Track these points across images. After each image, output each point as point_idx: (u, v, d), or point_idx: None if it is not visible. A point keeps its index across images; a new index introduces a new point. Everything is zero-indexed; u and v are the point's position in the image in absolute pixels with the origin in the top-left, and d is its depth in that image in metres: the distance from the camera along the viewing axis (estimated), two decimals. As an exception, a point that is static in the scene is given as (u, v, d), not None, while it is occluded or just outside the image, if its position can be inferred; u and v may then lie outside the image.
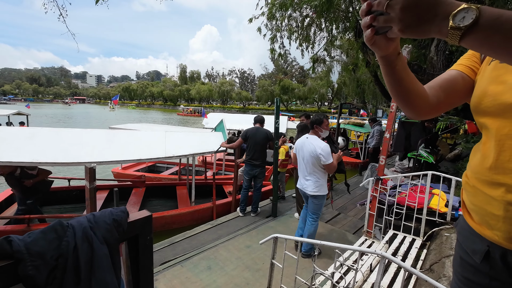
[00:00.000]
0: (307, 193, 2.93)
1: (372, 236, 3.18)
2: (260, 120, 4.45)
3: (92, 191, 2.73)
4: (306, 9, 4.94)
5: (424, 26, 0.49)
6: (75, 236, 0.73)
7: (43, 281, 0.65)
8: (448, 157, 6.85)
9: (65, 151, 3.07)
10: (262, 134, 4.25)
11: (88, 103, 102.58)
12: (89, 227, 0.77)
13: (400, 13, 0.47)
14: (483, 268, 0.72)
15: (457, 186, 3.36)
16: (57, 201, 4.87)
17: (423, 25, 0.49)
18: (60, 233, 0.72)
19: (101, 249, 0.75)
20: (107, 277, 0.72)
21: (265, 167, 4.37)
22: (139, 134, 4.50)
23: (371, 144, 7.62)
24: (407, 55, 2.99)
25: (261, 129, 4.33)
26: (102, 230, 0.79)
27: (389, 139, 3.16)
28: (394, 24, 0.50)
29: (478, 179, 0.73)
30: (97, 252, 0.73)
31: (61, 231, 0.73)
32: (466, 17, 0.45)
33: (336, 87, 39.76)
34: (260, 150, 4.23)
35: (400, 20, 0.48)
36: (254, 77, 78.93)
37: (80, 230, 0.75)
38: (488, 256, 0.71)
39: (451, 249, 2.26)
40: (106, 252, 0.76)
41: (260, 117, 4.51)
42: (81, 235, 0.74)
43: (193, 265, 2.96)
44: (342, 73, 22.69)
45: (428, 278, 1.10)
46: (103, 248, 0.76)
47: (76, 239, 0.73)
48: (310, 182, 2.88)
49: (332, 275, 1.50)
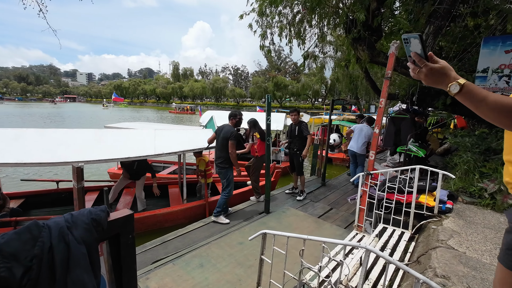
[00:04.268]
0: None
1: (363, 230, 3.22)
2: (229, 116, 4.25)
3: (80, 191, 2.69)
4: (297, 5, 4.92)
5: (436, 85, 0.90)
6: (51, 236, 0.72)
7: (17, 282, 0.64)
8: (438, 152, 6.96)
9: (52, 152, 3.01)
10: (224, 133, 4.01)
11: (79, 102, 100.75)
12: (66, 227, 0.76)
13: (424, 77, 0.90)
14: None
15: (444, 180, 3.42)
16: (46, 204, 4.80)
17: (435, 85, 0.90)
18: (35, 234, 0.71)
19: (79, 248, 0.74)
20: (84, 277, 0.72)
21: (230, 167, 4.08)
22: (128, 132, 4.45)
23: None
24: (395, 51, 3.01)
25: (226, 126, 4.09)
26: (80, 230, 0.78)
27: (378, 134, 3.20)
28: (421, 79, 0.91)
29: None
30: (74, 251, 0.72)
31: (36, 232, 0.71)
32: (455, 88, 0.83)
33: (330, 83, 39.89)
34: (221, 149, 4.02)
35: (424, 80, 0.90)
36: (248, 74, 78.66)
37: (57, 230, 0.74)
38: None
39: (437, 241, 2.31)
40: (84, 251, 0.75)
41: (231, 113, 4.29)
42: (57, 235, 0.73)
43: (185, 263, 2.96)
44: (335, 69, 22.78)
45: (408, 268, 1.12)
46: (80, 247, 0.75)
47: (52, 239, 0.72)
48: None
49: (319, 269, 1.52)
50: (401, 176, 3.19)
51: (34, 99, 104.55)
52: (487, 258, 2.03)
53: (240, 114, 4.34)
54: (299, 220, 4.13)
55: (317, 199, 5.12)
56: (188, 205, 4.63)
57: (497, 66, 3.55)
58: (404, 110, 5.25)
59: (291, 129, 5.13)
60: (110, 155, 3.33)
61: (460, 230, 2.51)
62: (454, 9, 3.83)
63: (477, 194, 3.24)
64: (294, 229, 3.84)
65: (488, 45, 3.59)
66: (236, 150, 4.00)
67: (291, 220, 4.12)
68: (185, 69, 76.93)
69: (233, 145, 3.95)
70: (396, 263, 1.15)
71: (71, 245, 0.73)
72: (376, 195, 3.15)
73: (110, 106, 57.33)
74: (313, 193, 5.44)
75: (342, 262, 1.34)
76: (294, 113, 4.99)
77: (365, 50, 4.59)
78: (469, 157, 3.68)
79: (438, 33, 4.00)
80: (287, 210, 4.46)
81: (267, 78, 50.96)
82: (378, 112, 3.20)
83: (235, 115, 4.28)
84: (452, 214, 2.88)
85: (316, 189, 5.68)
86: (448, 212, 2.92)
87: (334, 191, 5.65)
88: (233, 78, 79.89)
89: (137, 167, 4.70)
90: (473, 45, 4.09)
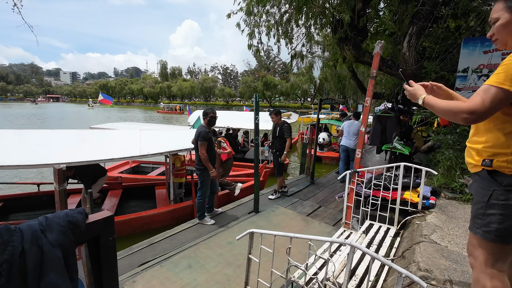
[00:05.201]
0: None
1: (350, 227, 3.27)
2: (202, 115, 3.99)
3: (61, 194, 2.60)
4: (285, 4, 4.95)
5: (414, 100, 1.34)
6: (23, 240, 0.69)
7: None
8: (423, 149, 7.16)
9: (32, 153, 2.89)
10: (195, 134, 3.86)
11: (63, 102, 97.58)
12: (39, 230, 0.73)
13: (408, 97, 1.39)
14: None
15: (428, 176, 3.52)
16: (27, 207, 4.61)
17: (414, 100, 1.35)
18: (5, 238, 0.68)
19: (53, 252, 0.71)
20: (59, 281, 0.69)
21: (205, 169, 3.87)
22: (113, 133, 4.35)
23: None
24: (380, 51, 3.07)
25: (199, 127, 3.91)
26: (55, 233, 0.75)
27: (364, 132, 3.25)
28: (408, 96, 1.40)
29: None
30: (47, 255, 0.69)
31: (6, 236, 0.68)
32: (420, 100, 1.29)
33: (318, 83, 40.36)
34: (196, 150, 3.87)
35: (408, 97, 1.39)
36: (237, 73, 78.48)
37: (29, 234, 0.71)
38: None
39: (421, 236, 2.37)
40: (58, 255, 0.72)
41: (203, 111, 4.03)
42: (29, 238, 0.70)
43: (173, 265, 2.91)
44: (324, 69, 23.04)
45: (391, 263, 1.14)
46: (55, 251, 0.72)
47: (23, 244, 0.69)
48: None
49: (306, 267, 1.53)
50: (386, 174, 3.26)
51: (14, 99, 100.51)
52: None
53: (212, 112, 4.01)
54: (288, 219, 4.15)
55: (306, 197, 5.16)
56: (175, 206, 4.57)
57: (477, 66, 3.68)
58: (389, 109, 5.37)
59: (274, 130, 5.04)
60: (93, 156, 3.23)
61: (442, 224, 2.58)
62: (436, 10, 3.95)
63: (459, 189, 3.35)
64: (283, 228, 3.85)
65: (468, 46, 3.72)
66: (205, 152, 3.75)
67: (280, 219, 4.13)
68: (173, 68, 75.82)
69: (202, 145, 3.74)
70: (380, 258, 1.17)
71: (44, 248, 0.70)
72: (362, 192, 3.20)
73: (96, 106, 55.80)
74: (302, 192, 5.48)
75: (328, 259, 1.35)
76: (272, 115, 4.89)
77: (351, 50, 4.66)
78: (451, 154, 3.80)
79: (421, 33, 4.11)
80: (276, 209, 4.47)
81: (257, 78, 51.01)
82: (364, 111, 3.25)
83: (206, 114, 3.96)
84: (435, 209, 2.96)
85: (305, 188, 5.72)
86: (431, 208, 3.00)
87: (322, 189, 5.72)
88: (222, 77, 79.52)
89: (81, 172, 4.10)
90: (454, 46, 4.22)
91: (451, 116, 1.16)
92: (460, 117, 1.10)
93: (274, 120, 4.91)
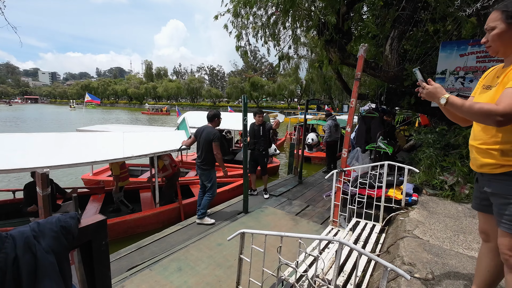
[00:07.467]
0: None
1: (338, 225, 3.36)
2: (209, 118, 4.15)
3: (45, 199, 2.52)
4: (271, 7, 5.00)
5: (432, 100, 1.32)
6: (16, 247, 0.68)
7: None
8: (405, 148, 7.43)
9: (7, 158, 2.76)
10: (206, 135, 3.98)
11: (42, 103, 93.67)
12: (32, 236, 0.73)
13: (425, 95, 1.33)
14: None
15: (410, 174, 3.66)
16: (1, 216, 4.39)
17: (431, 100, 1.32)
18: (-3, 245, 0.67)
19: (47, 258, 0.71)
20: (53, 287, 0.69)
21: (212, 168, 4.08)
22: (94, 135, 4.22)
23: (324, 138, 7.91)
24: (364, 53, 3.17)
25: (208, 128, 4.05)
26: (47, 239, 0.75)
27: (350, 132, 3.35)
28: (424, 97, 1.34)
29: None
30: (41, 262, 0.69)
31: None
32: (443, 100, 1.24)
33: (305, 84, 40.90)
34: (203, 151, 4.00)
35: (425, 97, 1.34)
36: (224, 74, 78.10)
37: (22, 240, 0.70)
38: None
39: (404, 232, 2.48)
40: (52, 261, 0.72)
41: (208, 115, 4.18)
42: (22, 245, 0.69)
43: (163, 268, 2.89)
44: (310, 70, 23.38)
45: (377, 258, 1.20)
46: (49, 257, 0.72)
47: (16, 250, 0.68)
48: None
49: (296, 265, 1.57)
50: (371, 172, 3.37)
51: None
52: (447, 244, 2.22)
53: (220, 114, 4.29)
54: (277, 219, 4.20)
55: (295, 197, 5.24)
56: (160, 209, 4.49)
57: (454, 68, 3.87)
58: (373, 109, 5.54)
59: (253, 130, 5.08)
60: (74, 159, 3.13)
61: (424, 220, 2.71)
62: (416, 15, 4.12)
63: (439, 186, 3.52)
64: (272, 227, 3.89)
65: (446, 49, 3.90)
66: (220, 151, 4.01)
67: (269, 219, 4.17)
68: (158, 69, 74.45)
69: (217, 146, 3.95)
70: (366, 253, 1.23)
71: (38, 255, 0.69)
72: (349, 190, 3.29)
73: (78, 107, 53.85)
74: (290, 191, 5.55)
75: (318, 256, 1.40)
76: (260, 114, 5.08)
77: (336, 52, 4.78)
78: (431, 152, 3.97)
79: (402, 37, 4.28)
80: (266, 209, 4.51)
81: (244, 79, 51.00)
82: (350, 112, 3.35)
83: (217, 116, 4.19)
84: (417, 205, 3.10)
85: (293, 187, 5.80)
86: (414, 204, 3.14)
87: (310, 188, 5.82)
88: (209, 78, 78.91)
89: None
90: (433, 49, 4.42)
91: (481, 118, 1.14)
92: (494, 119, 1.09)
93: (260, 120, 5.06)
